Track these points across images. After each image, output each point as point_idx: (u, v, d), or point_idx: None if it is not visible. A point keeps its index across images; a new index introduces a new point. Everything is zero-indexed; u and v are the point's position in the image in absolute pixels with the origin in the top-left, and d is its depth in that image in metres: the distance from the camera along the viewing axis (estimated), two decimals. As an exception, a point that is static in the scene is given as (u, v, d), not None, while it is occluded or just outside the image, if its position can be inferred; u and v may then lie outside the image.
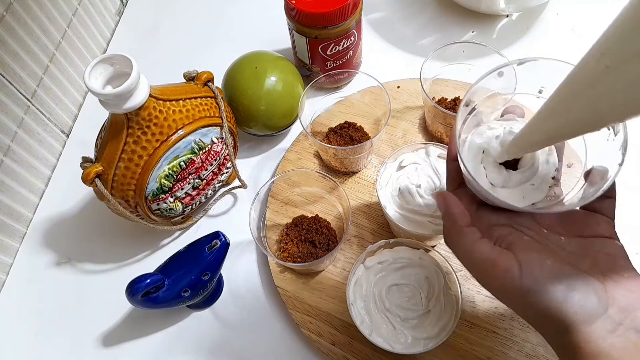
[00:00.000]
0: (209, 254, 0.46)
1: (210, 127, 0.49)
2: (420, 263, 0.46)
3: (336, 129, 0.59)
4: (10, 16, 0.54)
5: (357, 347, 0.47)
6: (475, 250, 0.32)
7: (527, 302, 0.29)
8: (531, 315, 0.30)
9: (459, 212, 0.34)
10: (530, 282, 0.29)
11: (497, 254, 0.31)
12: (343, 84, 0.64)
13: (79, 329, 0.52)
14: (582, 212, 0.34)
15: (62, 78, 0.64)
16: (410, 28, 0.71)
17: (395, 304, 0.44)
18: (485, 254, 0.31)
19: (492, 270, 0.31)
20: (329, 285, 0.50)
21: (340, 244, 0.47)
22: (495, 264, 0.30)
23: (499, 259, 0.31)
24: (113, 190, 0.46)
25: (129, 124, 0.44)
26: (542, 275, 0.29)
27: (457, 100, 0.58)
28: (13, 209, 0.56)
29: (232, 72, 0.57)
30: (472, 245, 0.32)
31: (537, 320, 0.30)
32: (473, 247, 0.32)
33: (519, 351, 0.45)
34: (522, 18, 0.69)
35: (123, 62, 0.42)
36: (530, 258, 0.30)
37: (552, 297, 0.28)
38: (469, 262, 0.33)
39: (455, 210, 0.34)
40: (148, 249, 0.56)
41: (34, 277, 0.56)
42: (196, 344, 0.50)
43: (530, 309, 0.30)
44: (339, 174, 0.58)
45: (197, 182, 0.51)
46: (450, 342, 0.46)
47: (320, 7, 0.54)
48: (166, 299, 0.45)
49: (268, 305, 0.52)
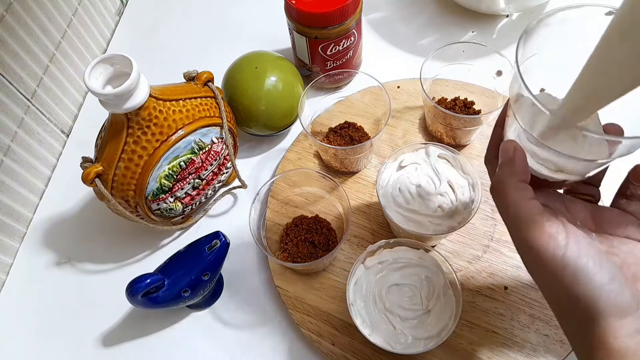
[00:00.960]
0: (209, 254, 0.46)
1: (210, 127, 0.49)
2: (420, 263, 0.46)
3: (336, 129, 0.59)
4: (10, 16, 0.54)
5: (357, 347, 0.47)
6: (526, 207, 0.29)
7: (563, 276, 0.27)
8: (560, 294, 0.28)
9: (522, 166, 0.31)
10: (574, 255, 0.27)
11: (546, 217, 0.29)
12: (343, 84, 0.65)
13: (79, 328, 0.52)
14: (615, 211, 0.33)
15: (62, 78, 0.64)
16: (410, 28, 0.71)
17: (395, 304, 0.44)
18: (535, 214, 0.29)
19: (536, 232, 0.28)
20: (329, 285, 0.50)
21: (340, 244, 0.47)
22: (542, 227, 0.28)
23: (547, 222, 0.28)
24: (113, 190, 0.46)
25: (129, 124, 0.44)
26: (588, 253, 0.27)
27: (457, 100, 0.58)
28: (13, 209, 0.56)
29: (232, 72, 0.57)
30: (524, 202, 0.30)
31: (565, 301, 0.28)
32: (524, 203, 0.30)
33: (519, 351, 0.45)
34: (522, 18, 0.69)
35: (123, 62, 0.42)
36: (579, 233, 0.28)
37: (593, 278, 0.27)
38: (513, 218, 0.30)
39: (519, 162, 0.31)
40: (148, 249, 0.56)
41: (34, 277, 0.56)
42: (196, 344, 0.50)
43: (562, 286, 0.28)
44: (339, 174, 0.58)
45: (197, 182, 0.51)
46: (450, 342, 0.46)
47: (320, 7, 0.54)
48: (166, 299, 0.45)
49: (268, 305, 0.52)
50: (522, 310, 0.47)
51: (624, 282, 0.27)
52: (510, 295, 0.48)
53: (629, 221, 0.32)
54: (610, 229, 0.32)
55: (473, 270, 0.50)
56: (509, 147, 0.32)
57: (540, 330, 0.46)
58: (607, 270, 0.27)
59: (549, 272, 0.28)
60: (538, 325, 0.46)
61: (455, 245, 0.52)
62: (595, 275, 0.27)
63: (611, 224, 0.32)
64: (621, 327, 0.26)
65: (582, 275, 0.27)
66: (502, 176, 0.32)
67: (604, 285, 0.27)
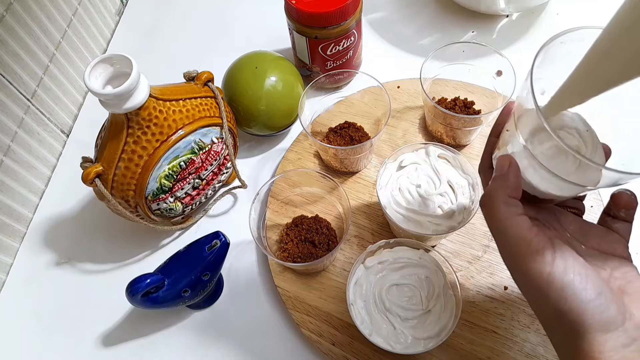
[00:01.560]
0: (209, 254, 0.46)
1: (210, 127, 0.49)
2: (420, 263, 0.46)
3: (336, 129, 0.59)
4: (10, 16, 0.54)
5: (357, 347, 0.47)
6: (514, 223, 0.30)
7: (549, 291, 0.28)
8: (547, 309, 0.29)
9: (514, 182, 0.32)
10: (561, 271, 0.28)
11: (534, 233, 0.29)
12: (343, 84, 0.65)
13: (79, 328, 0.52)
14: (602, 228, 0.34)
15: (62, 78, 0.64)
16: (410, 28, 0.71)
17: (395, 304, 0.44)
18: (523, 230, 0.30)
19: (524, 248, 0.29)
20: (329, 285, 0.50)
21: (340, 244, 0.47)
22: (530, 243, 0.29)
23: (535, 239, 0.29)
24: (113, 190, 0.46)
25: (129, 124, 0.44)
26: (574, 268, 0.28)
27: (457, 100, 0.58)
28: (13, 209, 0.56)
29: (232, 72, 0.57)
30: (512, 218, 0.30)
31: (551, 315, 0.29)
32: (512, 219, 0.30)
33: (519, 351, 0.45)
34: (522, 18, 0.69)
35: (123, 62, 0.42)
36: (565, 249, 0.29)
37: (579, 294, 0.27)
38: (502, 234, 0.31)
39: (512, 178, 0.32)
40: (148, 249, 0.56)
41: (34, 277, 0.56)
42: (196, 344, 0.50)
43: (549, 301, 0.28)
44: (339, 174, 0.58)
45: (197, 182, 0.51)
46: (450, 342, 0.46)
47: (320, 7, 0.54)
48: (166, 299, 0.45)
49: (268, 305, 0.52)
50: (522, 310, 0.47)
51: (610, 296, 0.28)
52: (510, 295, 0.48)
53: (615, 239, 0.33)
54: (597, 245, 0.33)
55: (473, 270, 0.50)
56: (504, 162, 0.32)
57: (540, 330, 0.46)
58: (593, 285, 0.28)
59: (536, 288, 0.29)
60: (538, 325, 0.46)
61: (455, 245, 0.52)
62: (581, 291, 0.27)
63: (598, 240, 0.33)
64: (607, 342, 0.27)
65: (569, 291, 0.27)
66: (492, 190, 0.32)
67: (590, 301, 0.27)
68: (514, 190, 0.31)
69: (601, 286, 0.28)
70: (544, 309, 0.29)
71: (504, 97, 0.53)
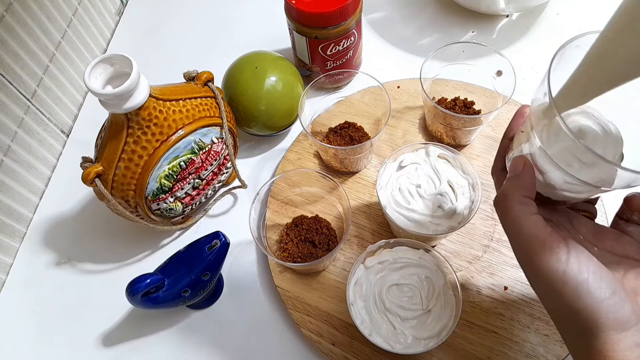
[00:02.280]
0: (209, 254, 0.46)
1: (210, 127, 0.49)
2: (420, 263, 0.46)
3: (336, 129, 0.59)
4: (10, 16, 0.54)
5: (357, 347, 0.47)
6: (528, 222, 0.30)
7: (563, 290, 0.28)
8: (561, 307, 0.29)
9: (529, 182, 0.32)
10: (575, 270, 0.28)
11: (548, 233, 0.29)
12: (343, 84, 0.65)
13: (79, 328, 0.52)
14: (615, 231, 0.34)
15: (62, 78, 0.64)
16: (410, 28, 0.71)
17: (395, 304, 0.44)
18: (537, 229, 0.30)
19: (539, 247, 0.29)
20: (329, 285, 0.50)
21: (340, 244, 0.47)
22: (544, 242, 0.29)
23: (549, 238, 0.29)
24: (113, 190, 0.46)
25: (129, 124, 0.44)
26: (589, 267, 0.28)
27: (457, 100, 0.58)
28: (13, 209, 0.56)
29: (232, 72, 0.57)
30: (526, 217, 0.30)
31: (565, 314, 0.29)
32: (527, 218, 0.30)
33: (519, 351, 0.45)
34: (522, 18, 0.69)
35: (123, 62, 0.42)
36: (579, 249, 0.29)
37: (593, 292, 0.27)
38: (517, 233, 0.31)
39: (527, 178, 0.32)
40: (148, 249, 0.56)
41: (34, 277, 0.56)
42: (196, 344, 0.50)
43: (563, 300, 0.28)
44: (339, 174, 0.58)
45: (197, 182, 0.51)
46: (450, 342, 0.46)
47: (320, 7, 0.54)
48: (166, 299, 0.45)
49: (268, 305, 0.52)
50: (522, 310, 0.47)
51: (624, 296, 0.28)
52: (510, 295, 0.48)
53: (628, 241, 0.33)
54: (610, 247, 0.33)
55: (473, 270, 0.50)
56: (519, 162, 0.33)
57: (540, 330, 0.46)
58: (607, 284, 0.28)
59: (550, 286, 0.29)
60: (538, 325, 0.46)
61: (455, 245, 0.52)
62: (595, 290, 0.27)
63: (610, 242, 0.33)
64: (621, 341, 0.27)
65: (583, 290, 0.27)
66: (507, 190, 0.32)
67: (604, 300, 0.27)
68: (528, 190, 0.32)
69: (615, 285, 0.28)
70: (557, 307, 0.29)
71: (504, 97, 0.53)
